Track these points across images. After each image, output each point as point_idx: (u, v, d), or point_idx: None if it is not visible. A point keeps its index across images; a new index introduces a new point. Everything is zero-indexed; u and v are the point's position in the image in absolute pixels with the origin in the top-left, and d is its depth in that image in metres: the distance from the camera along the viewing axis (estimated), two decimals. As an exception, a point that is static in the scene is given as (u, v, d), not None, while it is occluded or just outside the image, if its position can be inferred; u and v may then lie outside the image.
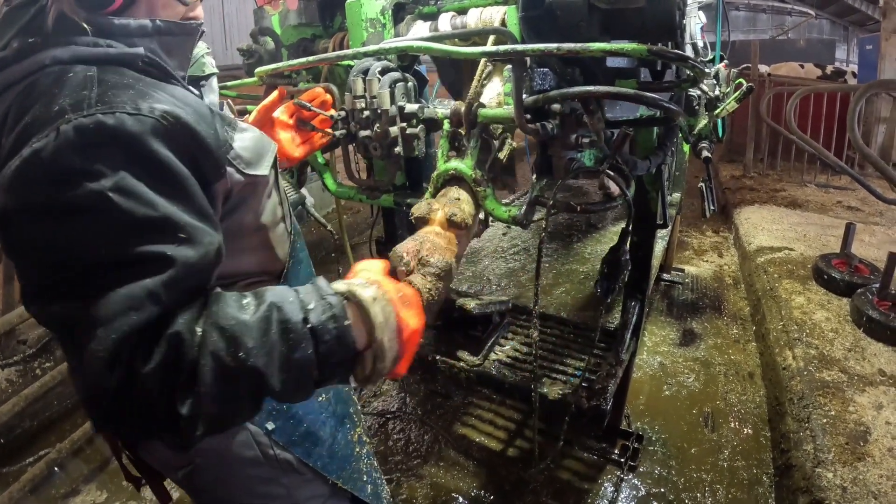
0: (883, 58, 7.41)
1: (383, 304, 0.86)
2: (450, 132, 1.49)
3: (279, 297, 0.80)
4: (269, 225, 1.07)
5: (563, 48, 1.13)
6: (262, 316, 0.76)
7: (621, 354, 2.00)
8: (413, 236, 1.44)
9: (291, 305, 0.79)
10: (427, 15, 1.81)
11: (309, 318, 0.78)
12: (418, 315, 0.94)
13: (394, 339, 0.86)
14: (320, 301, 0.81)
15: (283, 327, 0.76)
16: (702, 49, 2.80)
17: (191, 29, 1.00)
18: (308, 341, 0.77)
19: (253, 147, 1.00)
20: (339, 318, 0.80)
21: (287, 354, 0.76)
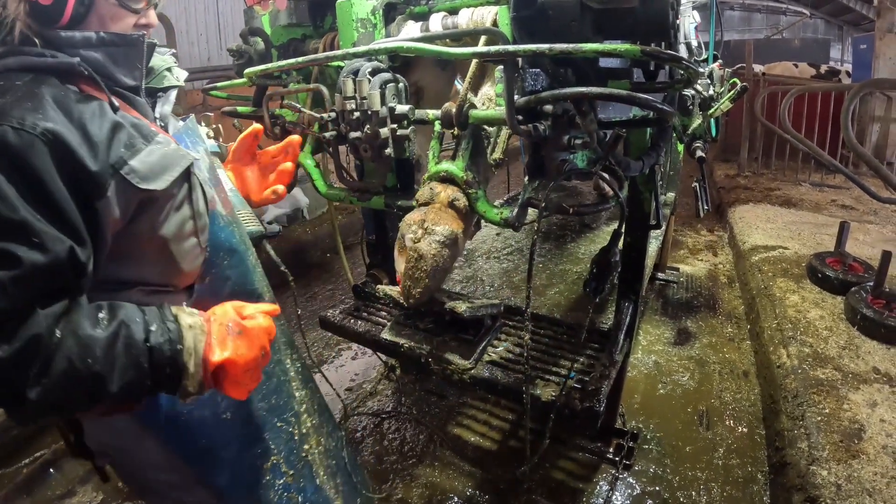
0: (877, 57, 7.43)
1: (196, 333, 1.00)
2: (440, 134, 1.48)
3: (129, 316, 0.95)
4: (172, 238, 1.11)
5: (554, 49, 1.13)
6: (112, 331, 0.92)
7: (615, 355, 1.99)
8: (419, 208, 1.45)
9: (137, 326, 0.94)
10: (418, 15, 1.80)
11: (149, 338, 0.95)
12: (237, 348, 1.03)
13: (199, 366, 0.99)
14: (161, 325, 0.97)
15: (126, 343, 0.92)
16: (696, 49, 2.80)
17: (132, 40, 1.09)
18: (145, 357, 0.94)
19: (156, 162, 1.05)
20: (174, 342, 0.97)
21: (126, 365, 0.92)
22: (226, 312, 1.07)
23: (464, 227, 1.47)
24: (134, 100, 1.15)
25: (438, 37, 1.55)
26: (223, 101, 2.36)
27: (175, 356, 0.96)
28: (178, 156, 1.10)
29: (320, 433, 1.52)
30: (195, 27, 8.37)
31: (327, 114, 1.64)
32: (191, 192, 1.14)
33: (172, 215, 1.10)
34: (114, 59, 1.07)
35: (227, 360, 1.01)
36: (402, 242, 1.48)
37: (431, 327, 1.92)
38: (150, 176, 1.03)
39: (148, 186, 1.02)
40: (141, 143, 1.04)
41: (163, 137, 1.10)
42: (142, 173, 1.01)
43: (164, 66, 1.30)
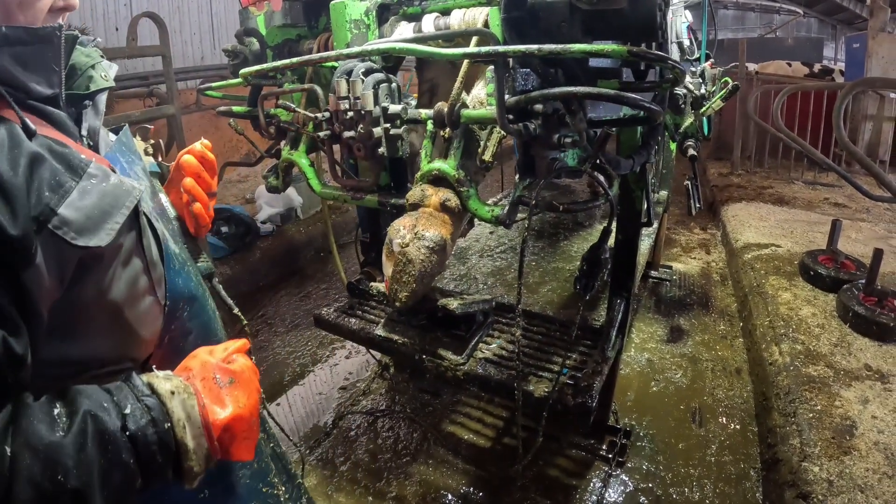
0: (870, 56, 7.47)
1: (184, 398, 0.80)
2: (433, 133, 1.50)
3: (94, 403, 0.73)
4: (124, 301, 0.86)
5: (543, 49, 1.14)
6: (78, 430, 0.70)
7: (607, 352, 2.01)
8: (409, 213, 1.46)
9: (107, 414, 0.73)
10: (411, 16, 1.81)
11: (127, 424, 0.74)
12: (236, 400, 0.86)
13: (200, 436, 0.80)
14: (137, 404, 0.76)
15: (100, 439, 0.71)
16: (688, 48, 2.82)
17: (44, 34, 0.80)
18: (128, 451, 0.73)
19: (93, 206, 0.78)
20: (158, 423, 0.77)
21: (107, 469, 0.71)
22: (204, 364, 0.88)
23: (453, 232, 1.48)
24: (52, 114, 0.87)
25: (431, 37, 1.56)
26: (217, 101, 2.37)
27: (164, 438, 0.76)
28: (120, 193, 0.83)
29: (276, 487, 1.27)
30: (188, 26, 8.34)
31: (321, 113, 1.66)
32: (141, 238, 0.90)
33: (121, 272, 0.85)
34: (22, 63, 0.78)
35: (234, 416, 0.83)
36: (389, 247, 1.48)
37: (424, 324, 1.93)
38: (89, 227, 0.77)
39: (87, 243, 0.76)
40: (70, 181, 0.77)
41: (96, 167, 0.81)
42: (77, 225, 0.75)
43: (88, 63, 0.97)
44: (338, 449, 2.80)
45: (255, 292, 4.54)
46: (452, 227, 1.48)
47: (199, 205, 1.14)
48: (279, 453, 1.31)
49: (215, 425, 0.81)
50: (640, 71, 1.73)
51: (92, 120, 0.97)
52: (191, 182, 1.14)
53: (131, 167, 1.01)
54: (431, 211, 1.46)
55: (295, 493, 1.32)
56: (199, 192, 1.15)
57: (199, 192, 1.14)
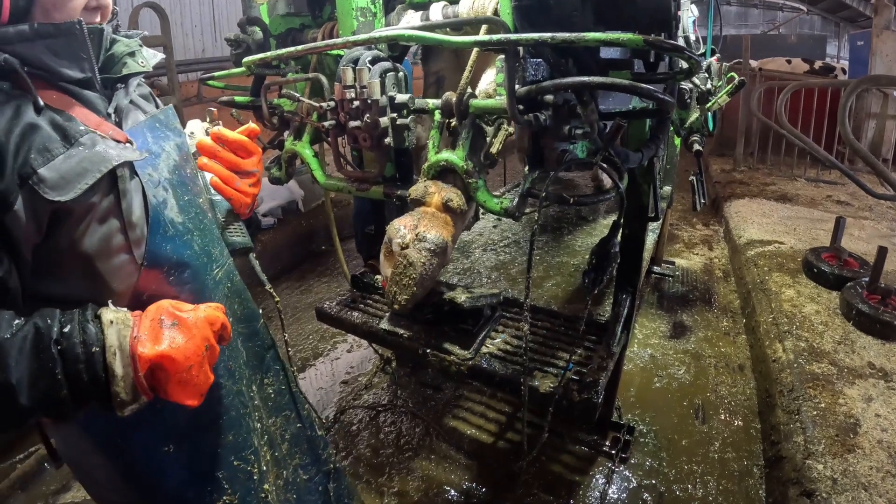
0: (874, 54, 7.44)
1: (119, 328, 0.90)
2: (441, 123, 1.47)
3: (42, 319, 0.87)
4: (95, 254, 1.00)
5: (557, 37, 1.12)
6: (21, 335, 0.84)
7: (612, 347, 1.99)
8: (411, 212, 1.43)
9: (47, 328, 0.86)
10: (418, 4, 1.79)
11: (61, 339, 0.86)
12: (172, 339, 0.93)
13: (128, 366, 0.89)
14: (75, 326, 0.88)
15: (35, 346, 0.84)
16: (693, 43, 2.79)
17: (66, 29, 0.97)
18: (56, 362, 0.85)
19: (70, 169, 0.94)
20: (88, 343, 0.87)
21: (36, 373, 0.83)
22: (158, 306, 0.99)
23: (454, 233, 1.46)
24: (82, 95, 1.04)
25: (440, 25, 1.54)
26: (219, 91, 2.34)
27: (91, 359, 0.87)
28: (98, 159, 0.97)
29: (283, 466, 1.40)
30: (189, 18, 8.30)
31: (326, 103, 1.63)
32: (119, 201, 1.02)
33: (95, 228, 0.99)
34: (55, 52, 0.97)
35: (162, 353, 0.91)
36: (388, 247, 1.44)
37: (430, 317, 1.91)
38: (61, 184, 0.92)
39: (55, 197, 0.91)
40: (59, 148, 0.94)
41: (91, 138, 0.98)
42: (51, 182, 0.91)
43: (125, 51, 1.14)
44: (339, 443, 2.79)
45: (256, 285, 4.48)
46: (454, 229, 1.45)
47: (217, 180, 1.30)
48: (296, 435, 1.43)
49: (142, 358, 0.90)
50: (651, 62, 1.71)
51: (121, 99, 1.12)
52: (204, 161, 1.30)
53: (160, 141, 1.15)
54: (433, 211, 1.43)
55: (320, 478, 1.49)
56: (217, 169, 1.30)
57: (215, 169, 1.30)
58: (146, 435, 1.12)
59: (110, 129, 1.03)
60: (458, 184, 1.45)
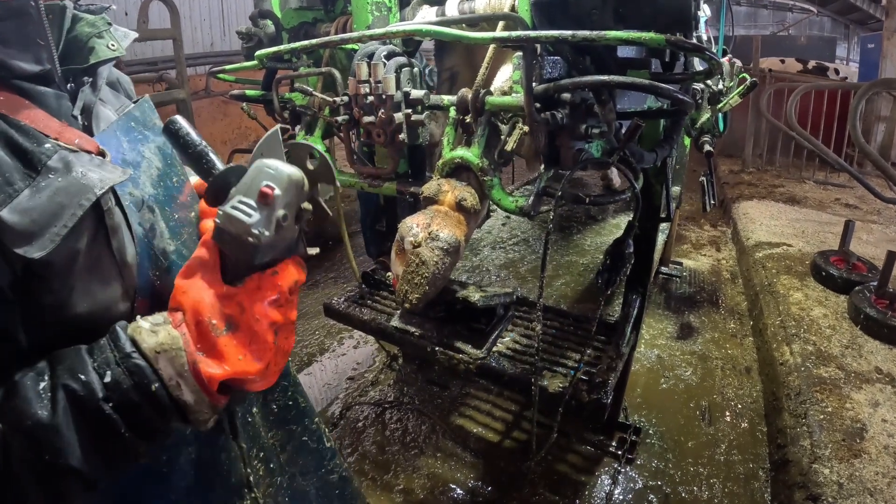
0: (884, 57, 7.41)
1: (172, 357, 0.73)
2: (456, 120, 1.46)
3: (71, 373, 0.70)
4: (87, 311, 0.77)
5: (577, 35, 1.11)
6: (63, 410, 0.68)
7: (622, 347, 1.98)
8: (423, 210, 1.42)
9: (87, 388, 0.69)
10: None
11: (111, 396, 0.70)
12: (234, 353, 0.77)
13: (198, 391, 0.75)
14: (118, 369, 0.71)
15: (84, 415, 0.69)
16: (706, 42, 2.78)
17: (18, 7, 0.75)
18: (115, 421, 0.70)
19: (41, 208, 0.70)
20: (143, 387, 0.71)
21: (98, 441, 0.70)
22: (200, 301, 0.77)
23: (467, 233, 1.44)
24: (38, 95, 0.80)
25: (456, 21, 1.53)
26: (227, 85, 2.33)
27: (154, 400, 0.72)
28: (75, 190, 0.74)
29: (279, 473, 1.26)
30: (198, 11, 8.31)
31: (339, 98, 1.62)
32: (109, 240, 0.79)
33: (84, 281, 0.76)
34: (2, 39, 0.74)
35: (234, 373, 0.76)
36: (400, 245, 1.41)
37: (443, 316, 1.90)
38: (31, 231, 0.69)
39: (26, 252, 0.68)
40: (20, 182, 0.70)
41: (62, 158, 0.75)
42: (17, 229, 0.67)
43: (91, 33, 0.89)
44: (345, 440, 2.79)
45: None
46: (467, 228, 1.44)
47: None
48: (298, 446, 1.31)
49: (213, 379, 0.74)
50: (667, 62, 1.70)
51: (89, 97, 0.88)
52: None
53: (138, 146, 0.92)
54: (446, 210, 1.42)
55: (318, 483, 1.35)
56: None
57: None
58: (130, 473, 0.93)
59: (76, 138, 0.80)
60: (472, 181, 1.44)
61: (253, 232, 0.73)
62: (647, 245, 2.11)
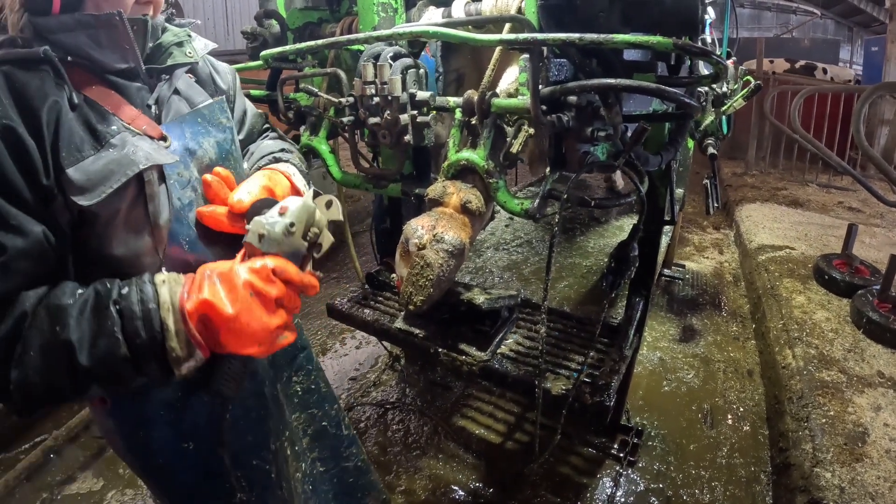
0: (888, 60, 7.41)
1: (171, 286, 0.92)
2: (462, 122, 1.46)
3: (103, 283, 0.91)
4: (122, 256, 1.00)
5: (585, 38, 1.11)
6: (83, 299, 0.87)
7: (625, 350, 1.98)
8: (428, 212, 1.42)
9: (106, 291, 0.89)
10: (440, 0, 1.78)
11: (119, 301, 0.88)
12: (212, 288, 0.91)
13: (178, 320, 0.89)
14: (133, 287, 0.90)
15: (95, 308, 0.87)
16: (710, 45, 2.78)
17: (105, 20, 0.97)
18: (115, 322, 0.86)
19: (96, 172, 0.94)
20: (145, 301, 0.89)
21: (96, 332, 0.86)
22: (207, 265, 0.97)
23: (472, 235, 1.44)
24: (122, 85, 1.05)
25: (463, 23, 1.53)
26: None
27: (147, 315, 0.88)
28: (125, 162, 0.96)
29: (303, 459, 1.42)
30: (202, 11, 8.32)
31: (345, 98, 1.62)
32: (146, 205, 1.01)
33: (121, 232, 0.99)
34: (97, 42, 0.98)
35: (203, 300, 0.90)
36: (405, 247, 1.41)
37: (447, 317, 1.90)
38: (87, 187, 0.93)
39: (80, 200, 0.92)
40: (89, 149, 0.95)
41: (122, 138, 0.98)
42: (77, 184, 0.92)
43: (173, 41, 1.14)
44: (345, 440, 2.78)
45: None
46: (472, 231, 1.44)
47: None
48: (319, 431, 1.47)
49: (188, 309, 0.89)
50: (673, 65, 1.70)
51: (164, 91, 1.11)
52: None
53: (199, 138, 1.12)
54: (451, 212, 1.42)
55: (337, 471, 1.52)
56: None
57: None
58: (166, 431, 1.13)
59: (145, 124, 1.03)
60: (477, 183, 1.44)
61: (265, 227, 0.97)
62: (650, 248, 2.11)
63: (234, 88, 1.37)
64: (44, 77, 0.93)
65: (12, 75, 0.91)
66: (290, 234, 0.98)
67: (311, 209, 1.03)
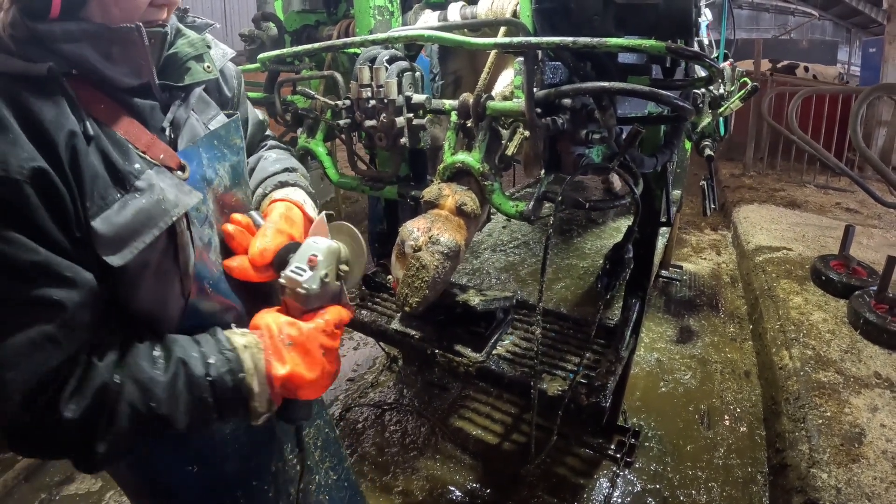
0: (886, 61, 7.43)
1: (254, 353, 0.94)
2: (457, 124, 1.47)
3: (185, 353, 0.90)
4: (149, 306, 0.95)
5: (578, 42, 1.12)
6: (172, 373, 0.87)
7: (621, 351, 1.98)
8: (424, 215, 1.43)
9: (196, 361, 0.90)
10: (435, 4, 1.78)
11: (210, 372, 0.90)
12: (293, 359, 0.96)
13: (264, 384, 0.94)
14: (219, 355, 0.92)
15: (187, 381, 0.88)
16: (707, 47, 2.78)
17: (123, 34, 0.85)
18: (208, 391, 0.89)
19: (125, 224, 0.84)
20: (235, 371, 0.91)
21: (190, 403, 0.88)
22: (274, 326, 0.98)
23: (467, 237, 1.45)
24: (134, 104, 0.93)
25: (458, 26, 1.53)
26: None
27: (238, 384, 0.91)
28: (157, 212, 0.87)
29: (316, 471, 1.42)
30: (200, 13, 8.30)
31: (342, 101, 1.63)
32: (177, 254, 0.94)
33: (150, 284, 0.92)
34: (106, 55, 0.85)
35: (290, 374, 0.95)
36: (401, 249, 1.42)
37: (442, 319, 1.91)
38: (115, 243, 0.83)
39: (108, 258, 0.83)
40: (113, 194, 0.84)
41: (147, 180, 0.87)
42: (104, 238, 0.82)
43: (190, 54, 1.00)
44: (344, 441, 2.79)
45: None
46: (467, 233, 1.44)
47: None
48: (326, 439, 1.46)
49: (276, 378, 0.94)
50: (668, 68, 1.71)
51: (180, 112, 1.00)
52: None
53: (215, 164, 1.05)
54: (447, 214, 1.43)
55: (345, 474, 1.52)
56: None
57: None
58: (172, 454, 1.12)
59: (162, 153, 0.93)
60: (473, 186, 1.45)
61: (304, 286, 0.99)
62: (647, 249, 2.12)
63: (239, 94, 1.27)
64: (57, 101, 0.81)
65: (23, 100, 0.78)
66: (326, 283, 1.03)
67: (336, 251, 1.06)
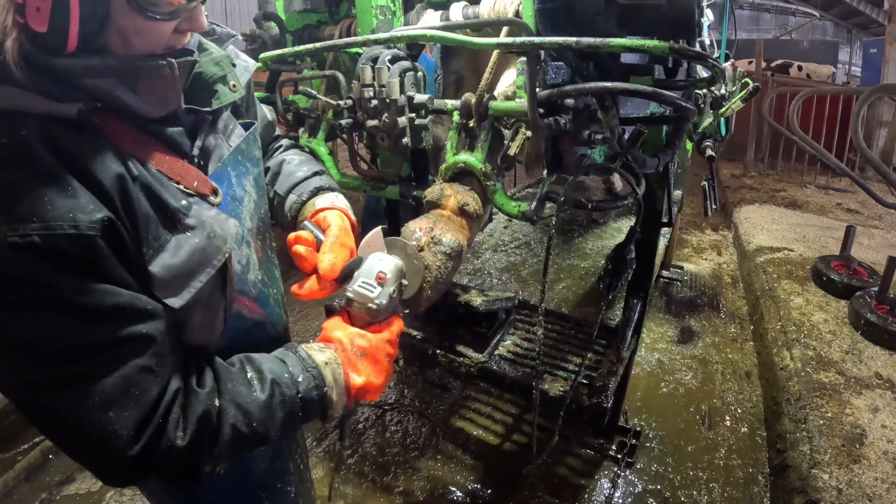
0: (887, 61, 7.42)
1: (333, 368, 1.00)
2: (459, 124, 1.47)
3: (276, 374, 0.95)
4: (195, 332, 0.96)
5: (581, 42, 1.11)
6: (268, 394, 0.92)
7: (622, 352, 1.98)
8: (426, 215, 1.42)
9: (287, 381, 0.95)
10: (437, 3, 1.78)
11: (300, 390, 0.96)
12: (367, 369, 1.04)
13: (342, 394, 1.01)
14: (306, 374, 0.97)
15: (282, 400, 0.94)
16: (708, 47, 2.78)
17: (155, 70, 0.83)
18: (299, 407, 0.96)
19: (180, 265, 0.85)
20: (320, 387, 0.98)
21: (283, 419, 0.94)
22: (342, 339, 1.04)
23: (469, 237, 1.45)
24: (164, 134, 0.90)
25: (460, 26, 1.53)
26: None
27: (322, 398, 0.98)
28: (210, 251, 0.89)
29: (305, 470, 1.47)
30: (202, 11, 8.33)
31: (343, 101, 1.63)
32: (225, 286, 0.97)
33: (198, 315, 0.94)
34: (132, 87, 0.81)
35: (366, 384, 1.03)
36: None
37: (444, 319, 1.91)
38: (172, 286, 0.85)
39: (168, 301, 0.84)
40: (164, 234, 0.84)
41: (196, 216, 0.88)
42: (160, 282, 0.83)
43: (216, 74, 0.98)
44: (344, 441, 2.78)
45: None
46: (469, 233, 1.44)
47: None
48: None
49: (353, 387, 1.02)
50: (670, 69, 1.71)
51: (209, 138, 0.99)
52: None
53: (242, 180, 1.05)
54: (449, 214, 1.42)
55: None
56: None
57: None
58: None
59: (196, 180, 0.92)
60: (475, 186, 1.45)
61: (375, 301, 1.06)
62: (648, 250, 2.12)
63: (249, 94, 1.21)
64: (95, 142, 0.78)
65: (62, 145, 0.75)
66: (393, 298, 1.10)
67: (401, 269, 1.14)
